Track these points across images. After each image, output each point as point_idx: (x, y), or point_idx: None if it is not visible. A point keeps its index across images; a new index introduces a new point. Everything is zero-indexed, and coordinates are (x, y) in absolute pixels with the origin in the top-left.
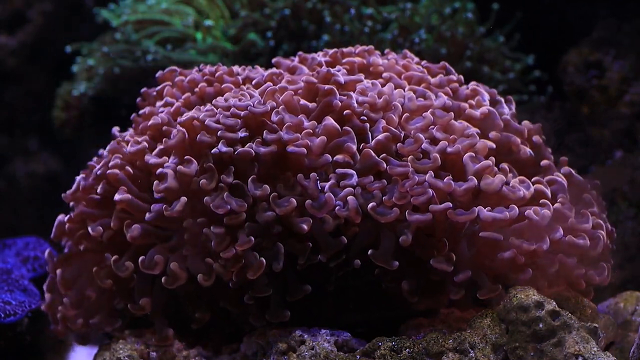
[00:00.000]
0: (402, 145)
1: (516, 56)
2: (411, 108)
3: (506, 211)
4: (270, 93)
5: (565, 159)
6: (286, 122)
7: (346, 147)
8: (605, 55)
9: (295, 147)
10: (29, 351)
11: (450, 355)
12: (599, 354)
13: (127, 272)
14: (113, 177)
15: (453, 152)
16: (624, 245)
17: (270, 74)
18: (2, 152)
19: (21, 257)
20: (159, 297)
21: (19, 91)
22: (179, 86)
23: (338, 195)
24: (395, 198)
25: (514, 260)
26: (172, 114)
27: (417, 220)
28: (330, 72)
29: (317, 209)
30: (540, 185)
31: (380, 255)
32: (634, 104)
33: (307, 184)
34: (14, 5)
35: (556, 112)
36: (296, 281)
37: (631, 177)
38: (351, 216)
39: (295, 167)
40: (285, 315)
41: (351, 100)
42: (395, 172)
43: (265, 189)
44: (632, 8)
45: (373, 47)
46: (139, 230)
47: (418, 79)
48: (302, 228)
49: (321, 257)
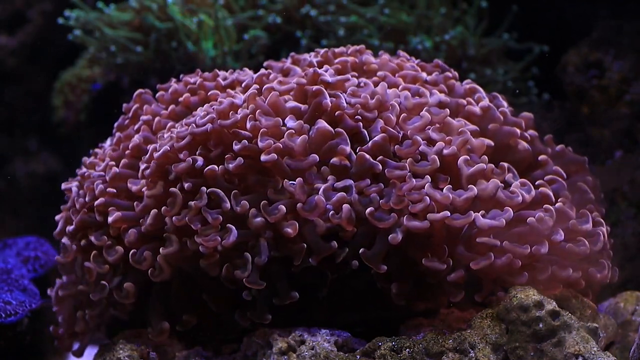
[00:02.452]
0: (399, 148)
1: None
2: (407, 106)
3: (502, 216)
4: (252, 97)
5: (550, 136)
6: (262, 128)
7: (340, 149)
8: (605, 55)
9: (266, 156)
10: (29, 351)
11: (450, 355)
12: (599, 354)
13: (117, 256)
14: (102, 207)
15: (449, 154)
16: (624, 245)
17: (260, 76)
18: (2, 152)
19: (22, 257)
20: (157, 295)
21: (19, 91)
22: (160, 100)
23: (331, 198)
24: (392, 202)
25: (511, 265)
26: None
27: (415, 227)
28: (317, 73)
29: (308, 212)
30: (545, 189)
31: (371, 256)
32: (634, 104)
33: (292, 189)
34: (14, 5)
35: (556, 112)
36: (287, 285)
37: (631, 177)
38: (343, 224)
39: (279, 173)
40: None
41: (340, 100)
42: (393, 175)
43: (244, 205)
44: (633, 8)
45: (364, 46)
46: (135, 235)
47: (412, 76)
48: (288, 232)
49: (311, 260)
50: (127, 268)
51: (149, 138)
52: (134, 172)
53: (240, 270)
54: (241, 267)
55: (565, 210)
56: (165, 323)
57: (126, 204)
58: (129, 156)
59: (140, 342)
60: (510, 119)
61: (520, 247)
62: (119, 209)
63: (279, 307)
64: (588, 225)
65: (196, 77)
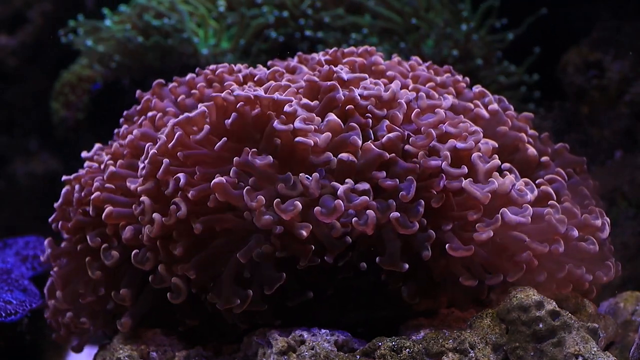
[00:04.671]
0: (414, 140)
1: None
2: (421, 107)
3: (526, 213)
4: (273, 90)
5: (547, 134)
6: (299, 115)
7: (352, 140)
8: (605, 55)
9: (303, 138)
10: (29, 351)
11: (450, 355)
12: (599, 354)
13: (113, 260)
14: (97, 202)
15: (464, 149)
16: (624, 245)
17: (272, 72)
18: (2, 152)
19: (20, 256)
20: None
21: (19, 91)
22: (173, 91)
23: (353, 201)
24: (434, 202)
25: (530, 263)
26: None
27: (460, 254)
28: (332, 70)
29: (326, 215)
30: (546, 187)
31: (387, 259)
32: (634, 104)
33: (308, 183)
34: (14, 5)
35: (556, 112)
36: (296, 287)
37: (631, 177)
38: (367, 231)
39: (300, 162)
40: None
41: (354, 94)
42: (429, 165)
43: (260, 200)
44: (632, 8)
45: (375, 48)
46: (132, 232)
47: (425, 78)
48: (301, 234)
49: (327, 259)
50: (125, 268)
51: (148, 134)
52: (133, 172)
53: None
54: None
55: (571, 208)
56: (129, 319)
57: (123, 200)
58: (128, 155)
59: (140, 342)
60: (516, 124)
61: (540, 244)
62: (115, 206)
63: (281, 307)
64: (598, 222)
65: (212, 67)
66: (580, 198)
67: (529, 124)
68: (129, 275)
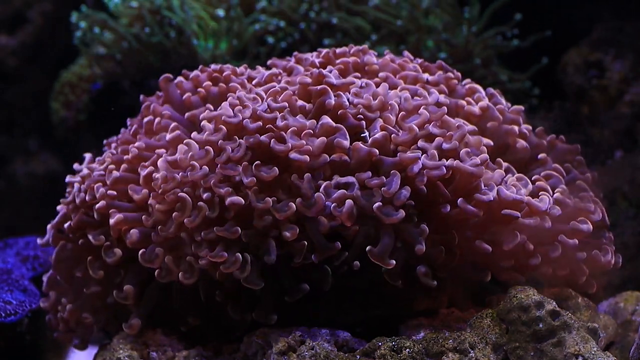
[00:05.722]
0: (395, 137)
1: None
2: (407, 108)
3: (521, 191)
4: (272, 94)
5: (541, 129)
6: (291, 127)
7: (336, 142)
8: (605, 55)
9: (297, 154)
10: (29, 351)
11: (450, 355)
12: (599, 354)
13: (115, 258)
14: (103, 209)
15: (449, 149)
16: (624, 245)
17: (270, 75)
18: (2, 152)
19: (21, 256)
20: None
21: (19, 91)
22: (179, 87)
23: (332, 195)
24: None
25: (524, 246)
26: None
27: (471, 210)
28: (322, 74)
29: (307, 208)
30: (541, 182)
31: (377, 253)
32: (634, 104)
33: (300, 184)
34: (14, 5)
35: (556, 112)
36: (293, 282)
37: (631, 177)
38: (343, 219)
39: (297, 170)
40: (273, 319)
41: (342, 99)
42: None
43: (267, 201)
44: (632, 8)
45: (367, 46)
46: (137, 236)
47: (413, 77)
48: (285, 236)
49: (314, 258)
50: (126, 268)
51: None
52: (135, 176)
53: (239, 271)
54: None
55: (563, 198)
56: (137, 320)
57: (127, 206)
58: (128, 161)
59: (140, 341)
60: (508, 117)
61: (530, 219)
62: (120, 211)
63: (281, 306)
64: (590, 205)
65: (217, 67)
66: (578, 191)
67: (521, 116)
68: (130, 274)
